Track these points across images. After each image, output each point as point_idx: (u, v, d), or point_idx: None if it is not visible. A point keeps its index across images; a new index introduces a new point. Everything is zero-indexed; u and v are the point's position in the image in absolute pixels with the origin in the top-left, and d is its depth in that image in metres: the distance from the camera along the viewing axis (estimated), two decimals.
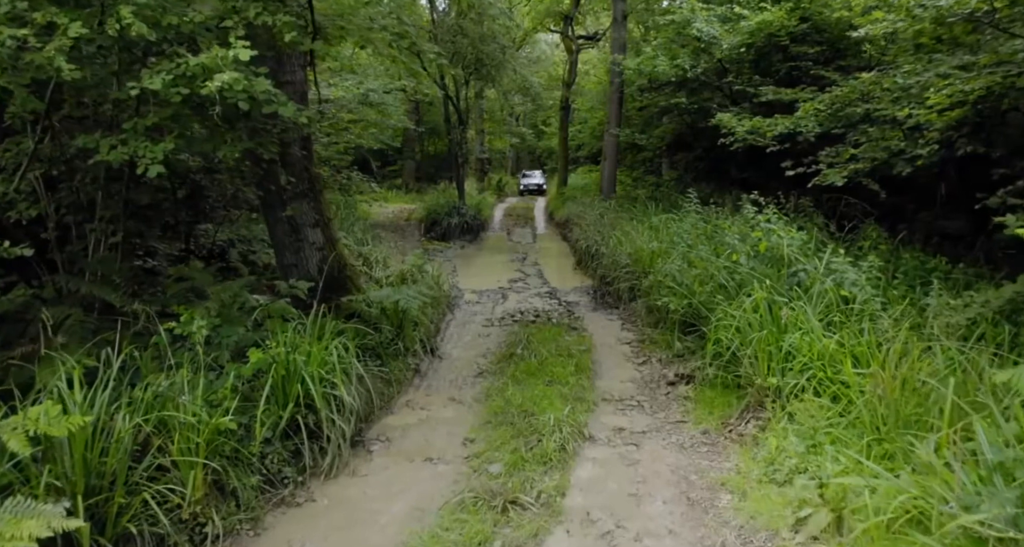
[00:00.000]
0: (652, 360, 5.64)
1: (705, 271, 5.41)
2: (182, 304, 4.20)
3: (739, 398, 4.30)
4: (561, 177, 21.98)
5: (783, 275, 4.55)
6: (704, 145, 12.90)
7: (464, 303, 8.65)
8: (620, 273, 7.72)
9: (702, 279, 5.35)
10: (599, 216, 11.69)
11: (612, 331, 6.70)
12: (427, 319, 6.02)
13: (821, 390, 3.63)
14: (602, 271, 9.61)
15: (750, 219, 5.24)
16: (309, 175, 5.68)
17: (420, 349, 5.57)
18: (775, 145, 8.47)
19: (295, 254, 5.74)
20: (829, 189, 7.09)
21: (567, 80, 22.30)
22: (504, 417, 4.28)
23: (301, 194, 5.65)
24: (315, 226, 5.76)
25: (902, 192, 6.89)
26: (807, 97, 7.41)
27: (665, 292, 5.94)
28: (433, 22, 15.77)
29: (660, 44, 11.57)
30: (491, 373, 5.32)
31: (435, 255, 13.60)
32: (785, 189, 10.86)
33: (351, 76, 12.01)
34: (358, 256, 7.54)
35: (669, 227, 7.95)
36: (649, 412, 4.54)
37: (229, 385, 3.47)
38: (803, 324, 4.04)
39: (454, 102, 16.50)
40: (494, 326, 6.81)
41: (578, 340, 6.10)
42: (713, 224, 6.72)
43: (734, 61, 10.66)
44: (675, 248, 6.59)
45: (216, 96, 2.97)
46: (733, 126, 8.62)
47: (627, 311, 7.42)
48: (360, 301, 5.19)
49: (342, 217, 11.50)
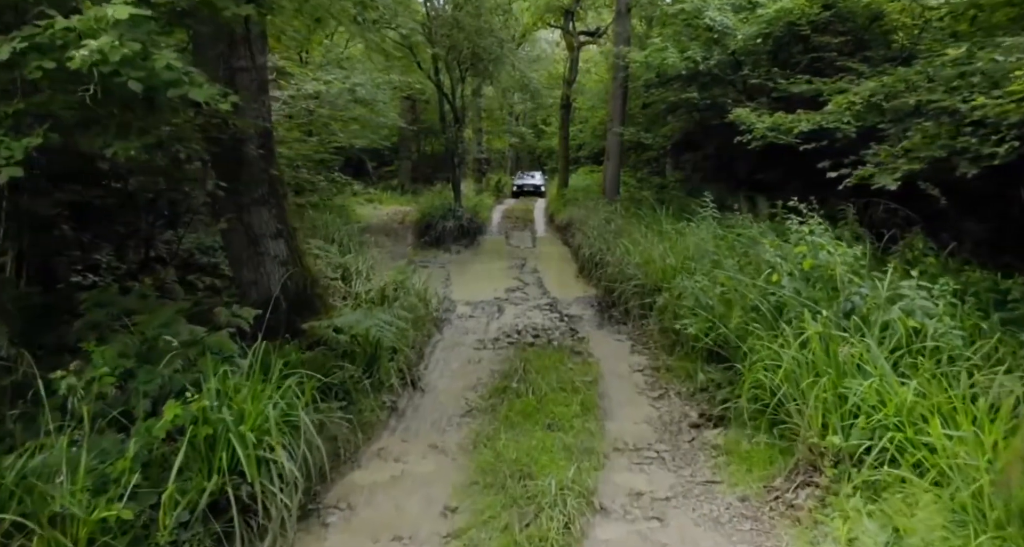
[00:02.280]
0: (670, 393, 4.82)
1: (733, 291, 4.58)
2: (99, 339, 3.41)
3: (784, 453, 3.48)
4: (562, 178, 21.14)
5: (836, 300, 3.73)
6: (715, 144, 12.08)
7: (456, 318, 7.83)
8: (628, 286, 6.90)
9: (729, 300, 4.53)
10: (604, 221, 10.87)
11: (621, 354, 5.87)
12: (408, 344, 5.20)
13: (900, 455, 2.82)
14: (607, 281, 8.81)
15: (791, 231, 4.41)
16: (269, 178, 4.87)
17: (398, 382, 4.75)
18: (799, 143, 7.66)
19: (254, 269, 4.93)
20: (863, 192, 6.28)
21: (568, 78, 21.48)
22: (495, 477, 3.46)
23: (260, 200, 4.84)
24: (277, 237, 4.95)
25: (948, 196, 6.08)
26: (844, 87, 6.56)
27: (684, 313, 5.12)
28: (428, 16, 14.97)
29: (669, 35, 10.75)
30: (481, 411, 4.50)
31: (428, 261, 12.80)
32: (806, 191, 10.05)
33: (338, 71, 11.18)
34: (336, 267, 6.71)
35: (684, 235, 7.12)
36: (672, 467, 3.72)
37: (131, 454, 2.65)
38: (867, 365, 3.23)
39: (449, 99, 15.67)
40: (487, 349, 5.99)
41: (583, 368, 5.27)
42: (736, 233, 5.89)
43: (749, 53, 9.84)
44: (693, 261, 5.77)
45: (93, 72, 2.16)
46: (752, 122, 7.81)
47: (637, 330, 6.60)
48: (326, 327, 4.37)
49: (326, 222, 10.70)
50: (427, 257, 13.30)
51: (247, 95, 4.69)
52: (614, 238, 9.13)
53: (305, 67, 11.30)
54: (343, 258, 7.96)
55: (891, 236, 5.83)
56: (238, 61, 4.62)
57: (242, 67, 4.65)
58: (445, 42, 14.45)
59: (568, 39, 21.72)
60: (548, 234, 17.13)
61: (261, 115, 4.80)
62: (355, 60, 13.57)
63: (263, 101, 4.82)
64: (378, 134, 16.01)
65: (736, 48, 9.61)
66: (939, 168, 4.75)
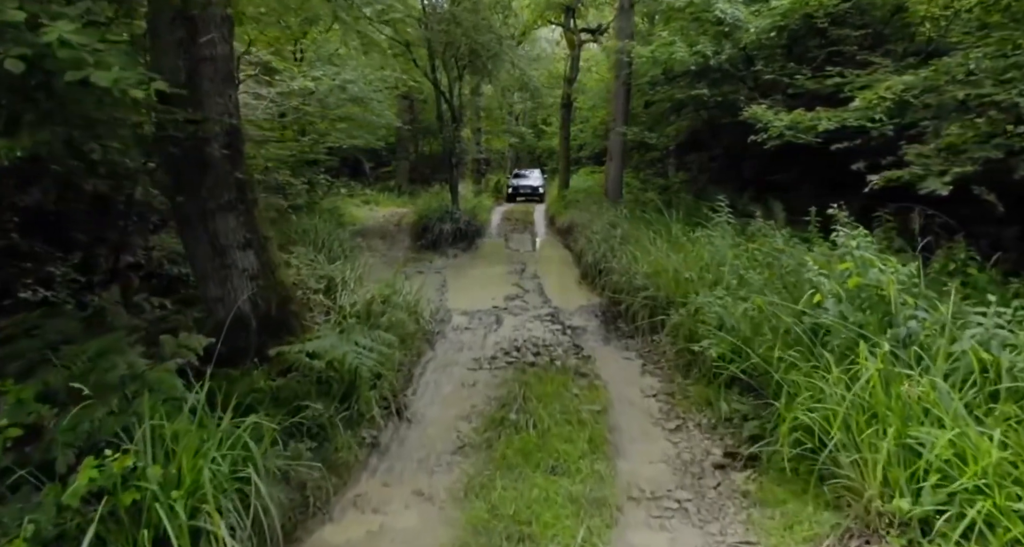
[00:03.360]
0: (688, 424, 4.27)
1: (759, 311, 4.04)
2: (22, 374, 2.87)
3: (832, 508, 2.93)
4: (563, 179, 20.57)
5: (889, 327, 3.18)
6: (724, 144, 11.55)
7: (451, 330, 7.28)
8: (637, 298, 6.35)
9: (757, 322, 3.99)
10: (608, 225, 10.32)
11: (631, 376, 5.32)
12: (393, 367, 4.65)
13: (990, 530, 2.27)
14: (612, 288, 8.26)
15: (834, 244, 3.86)
16: (236, 181, 4.32)
17: (381, 412, 4.20)
18: (819, 142, 7.12)
19: (220, 284, 4.38)
20: (891, 196, 5.75)
21: (569, 76, 20.92)
22: (489, 538, 2.91)
23: (226, 206, 4.30)
24: (246, 247, 4.41)
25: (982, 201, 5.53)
26: (879, 79, 6.02)
27: (703, 332, 4.58)
28: (424, 11, 14.43)
29: (676, 30, 10.20)
30: (475, 448, 3.95)
31: (424, 266, 12.25)
32: (821, 194, 9.49)
33: (330, 68, 10.63)
34: (320, 278, 6.16)
35: (696, 243, 6.57)
36: (697, 522, 3.17)
37: (30, 532, 2.11)
38: (936, 408, 2.68)
39: (447, 98, 15.12)
40: (483, 369, 5.43)
41: (589, 393, 4.72)
42: (761, 242, 5.34)
43: (762, 47, 9.31)
44: (710, 273, 5.22)
45: None
46: (768, 120, 7.27)
47: (647, 346, 6.05)
48: (296, 352, 3.82)
49: (315, 227, 10.16)
50: (423, 262, 12.75)
51: (211, 88, 4.16)
52: (619, 244, 8.59)
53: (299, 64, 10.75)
54: (329, 267, 7.42)
55: (925, 244, 5.29)
56: (200, 50, 4.08)
57: (205, 56, 4.10)
58: (442, 38, 13.92)
59: (569, 36, 21.18)
60: (549, 237, 16.59)
61: (227, 111, 4.26)
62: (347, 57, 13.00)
63: (229, 95, 4.27)
64: (373, 134, 15.46)
65: (748, 42, 9.06)
66: (992, 170, 4.21)
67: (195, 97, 4.07)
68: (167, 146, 3.99)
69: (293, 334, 4.56)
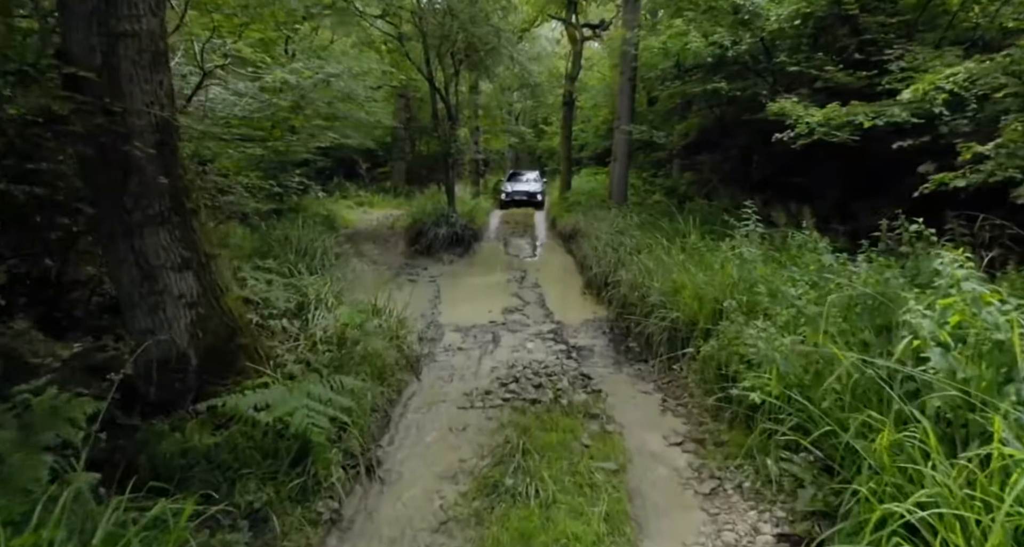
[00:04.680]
0: (726, 486, 3.46)
1: (819, 353, 3.22)
2: None
3: None
4: (564, 180, 19.73)
5: (1006, 381, 2.37)
6: (739, 143, 10.74)
7: (441, 351, 6.47)
8: (653, 321, 5.54)
9: (818, 369, 3.17)
10: (615, 231, 9.51)
11: (650, 414, 4.51)
12: (365, 410, 3.84)
13: None
14: (620, 301, 7.47)
15: (934, 271, 3.03)
16: (171, 188, 3.52)
17: (345, 475, 3.38)
18: (856, 140, 6.32)
19: (150, 314, 3.57)
20: (953, 202, 4.94)
21: (571, 73, 20.09)
22: None
23: (156, 218, 3.49)
24: (183, 268, 3.60)
25: None
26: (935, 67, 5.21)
27: (738, 366, 3.77)
28: (418, 2, 13.63)
29: (690, 19, 9.39)
30: (461, 523, 3.13)
31: (417, 273, 11.46)
32: (850, 199, 8.70)
33: (314, 61, 9.82)
34: (291, 296, 5.34)
35: (717, 253, 5.77)
36: None
37: None
38: None
39: (442, 94, 14.31)
40: (475, 407, 4.61)
41: (603, 444, 3.90)
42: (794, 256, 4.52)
43: (785, 37, 8.50)
44: (740, 290, 4.41)
45: None
46: (799, 116, 6.45)
47: (665, 375, 5.25)
48: (231, 407, 3.01)
49: (299, 234, 9.33)
50: (416, 268, 11.96)
51: (134, 71, 3.35)
52: (628, 253, 7.79)
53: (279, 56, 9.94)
54: (307, 280, 6.59)
55: (991, 259, 4.47)
56: (120, 23, 3.27)
57: (126, 31, 3.30)
58: (437, 31, 13.12)
59: (571, 32, 20.35)
60: (550, 240, 15.79)
61: (157, 100, 3.45)
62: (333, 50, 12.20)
63: (159, 81, 3.46)
64: (366, 133, 14.66)
65: (770, 32, 8.26)
66: None
67: (113, 83, 3.27)
68: (78, 144, 3.20)
69: (243, 373, 3.76)
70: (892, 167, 7.55)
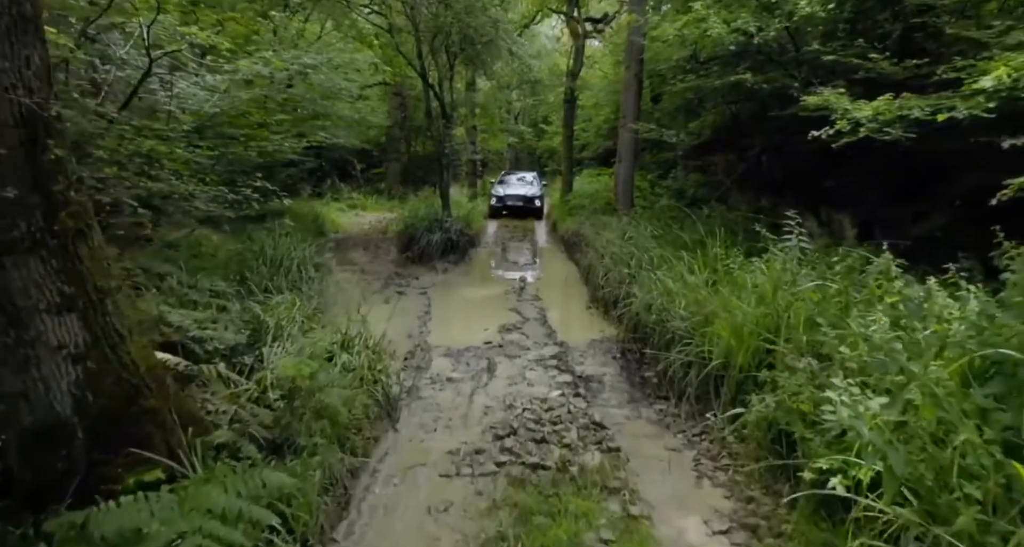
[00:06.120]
0: None
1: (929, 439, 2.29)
2: None
3: None
4: (566, 181, 18.77)
5: None
6: (760, 142, 9.81)
7: (427, 383, 5.56)
8: (681, 358, 4.60)
9: (938, 457, 2.25)
10: (623, 239, 8.59)
11: (683, 487, 3.56)
12: (309, 508, 2.89)
13: None
14: (631, 319, 6.55)
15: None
16: (43, 202, 2.58)
17: None
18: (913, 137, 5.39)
19: (20, 371, 2.63)
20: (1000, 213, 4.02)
21: (572, 69, 19.13)
22: None
23: (22, 244, 2.55)
24: (63, 310, 2.66)
25: None
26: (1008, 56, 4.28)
27: (809, 437, 2.84)
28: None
29: (708, 3, 8.44)
30: None
31: (408, 284, 10.54)
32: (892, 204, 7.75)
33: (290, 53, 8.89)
34: (237, 330, 4.37)
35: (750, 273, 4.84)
36: None
37: None
38: None
39: (436, 91, 13.38)
40: (461, 474, 3.65)
41: (627, 539, 2.96)
42: (878, 282, 3.57)
43: (817, 22, 7.57)
44: (793, 323, 3.48)
45: None
46: (844, 109, 5.52)
47: (694, 420, 4.32)
48: (89, 531, 2.07)
49: (275, 242, 8.40)
50: (407, 278, 11.04)
51: None
52: (642, 269, 6.87)
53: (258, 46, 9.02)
54: (274, 301, 5.65)
55: None
56: None
57: None
58: (430, 23, 12.20)
59: (572, 26, 19.40)
60: (551, 245, 14.89)
61: (22, 83, 2.52)
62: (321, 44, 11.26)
63: (26, 57, 2.53)
64: (353, 131, 13.73)
65: (800, 16, 7.31)
66: None
67: None
68: None
69: (148, 445, 2.82)
70: (936, 170, 6.66)
